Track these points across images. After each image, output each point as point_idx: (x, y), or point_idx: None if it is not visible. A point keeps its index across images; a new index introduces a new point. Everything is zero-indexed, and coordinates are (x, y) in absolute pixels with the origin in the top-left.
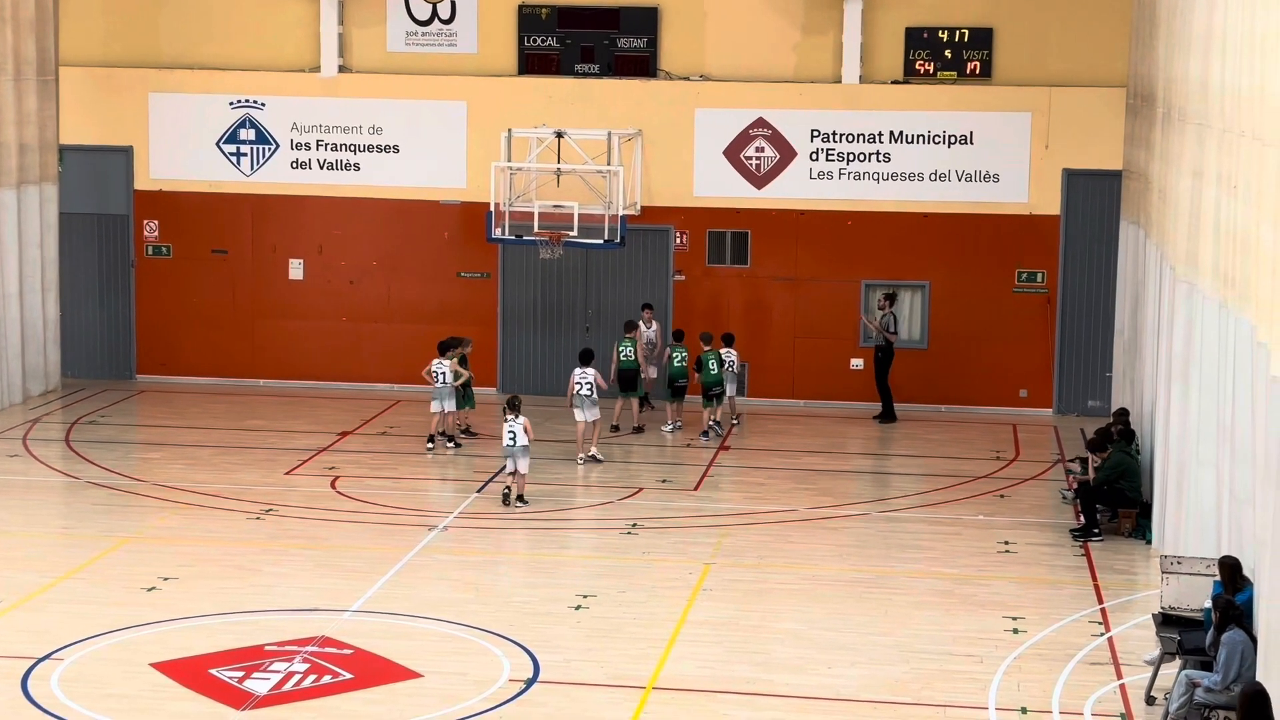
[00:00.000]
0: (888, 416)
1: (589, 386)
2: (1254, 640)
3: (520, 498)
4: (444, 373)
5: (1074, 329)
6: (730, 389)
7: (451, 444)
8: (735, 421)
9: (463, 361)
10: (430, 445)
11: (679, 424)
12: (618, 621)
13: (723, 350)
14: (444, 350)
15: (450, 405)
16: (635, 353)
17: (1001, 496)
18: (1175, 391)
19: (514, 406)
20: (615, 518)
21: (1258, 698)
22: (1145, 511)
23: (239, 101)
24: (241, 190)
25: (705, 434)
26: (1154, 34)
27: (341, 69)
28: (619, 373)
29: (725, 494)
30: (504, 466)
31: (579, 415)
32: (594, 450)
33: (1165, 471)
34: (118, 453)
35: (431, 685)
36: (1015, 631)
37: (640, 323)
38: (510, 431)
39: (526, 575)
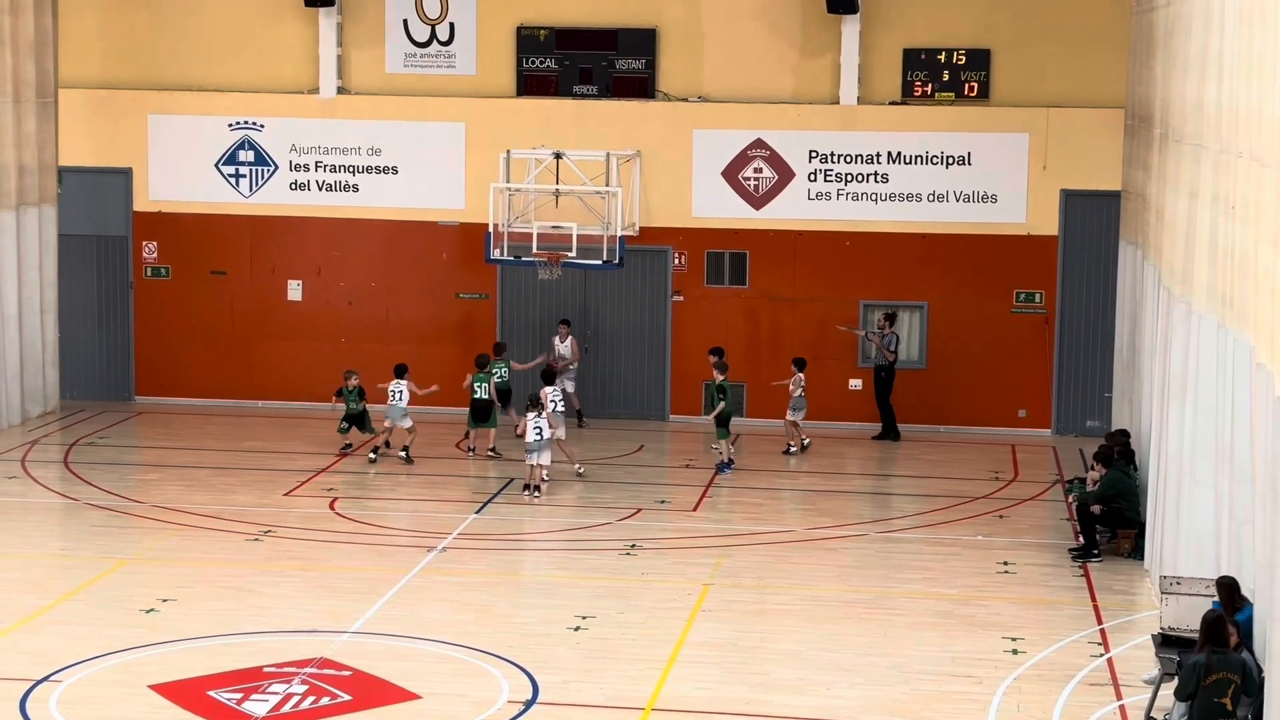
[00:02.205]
0: (892, 435)
1: (562, 403)
2: (1256, 661)
3: (537, 487)
4: (400, 392)
5: (1072, 349)
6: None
7: (374, 454)
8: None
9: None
10: (371, 457)
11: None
12: (616, 642)
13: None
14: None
15: (406, 423)
16: (489, 388)
17: (1000, 517)
18: (1173, 411)
19: (536, 403)
20: (614, 538)
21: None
22: (1144, 532)
23: (238, 123)
24: (240, 211)
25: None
26: (1151, 55)
27: (340, 90)
28: (472, 403)
29: (724, 515)
30: (530, 462)
31: (560, 433)
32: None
33: (1161, 491)
34: (116, 474)
35: (430, 707)
36: (1015, 652)
37: (555, 338)
38: (536, 427)
39: (525, 596)
